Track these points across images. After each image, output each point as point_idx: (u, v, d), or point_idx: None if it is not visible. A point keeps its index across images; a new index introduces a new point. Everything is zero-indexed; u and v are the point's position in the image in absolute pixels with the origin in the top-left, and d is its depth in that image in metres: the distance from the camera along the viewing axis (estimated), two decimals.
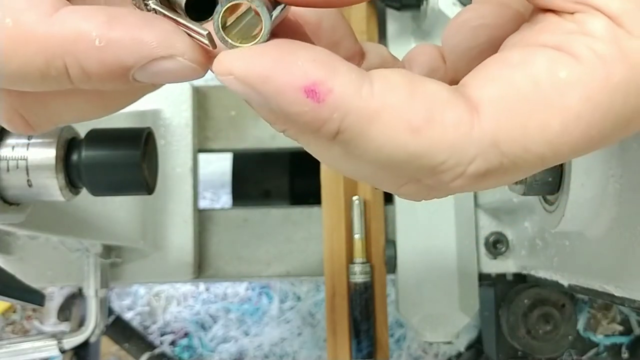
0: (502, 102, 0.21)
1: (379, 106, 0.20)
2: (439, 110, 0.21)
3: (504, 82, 0.21)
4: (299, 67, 0.20)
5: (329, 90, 0.20)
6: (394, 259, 0.65)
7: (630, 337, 0.67)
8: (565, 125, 0.21)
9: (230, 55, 0.20)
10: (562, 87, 0.21)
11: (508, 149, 0.21)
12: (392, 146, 0.21)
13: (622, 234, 0.37)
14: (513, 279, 0.67)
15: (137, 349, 1.03)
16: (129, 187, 0.40)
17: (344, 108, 0.20)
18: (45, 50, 0.21)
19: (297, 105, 0.20)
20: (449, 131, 0.21)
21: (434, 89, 0.21)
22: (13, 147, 0.39)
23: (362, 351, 0.64)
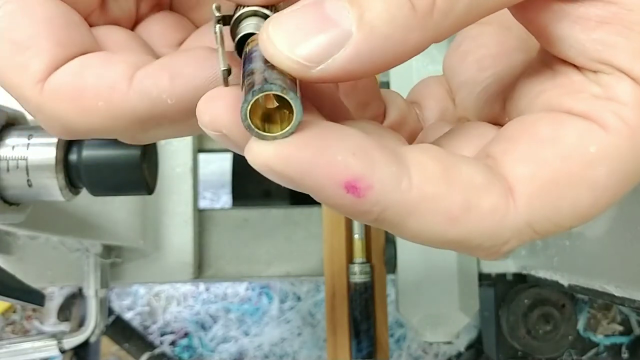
0: (535, 183, 0.21)
1: (417, 199, 0.20)
2: (475, 198, 0.21)
3: (536, 161, 0.21)
4: (339, 163, 0.19)
5: (369, 186, 0.20)
6: (394, 259, 0.65)
7: (630, 337, 0.67)
8: (595, 199, 0.21)
9: (265, 147, 0.20)
10: (592, 162, 0.21)
11: (541, 228, 0.22)
12: (431, 235, 0.21)
13: (622, 234, 0.37)
14: (513, 279, 0.67)
15: (137, 349, 1.03)
16: (129, 187, 0.40)
17: (384, 203, 0.20)
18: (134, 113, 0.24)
19: (337, 199, 0.20)
20: (486, 218, 0.21)
21: (470, 174, 0.21)
22: (13, 147, 0.39)
23: (362, 351, 0.64)
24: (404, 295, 0.65)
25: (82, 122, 0.24)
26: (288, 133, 0.19)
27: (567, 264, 0.48)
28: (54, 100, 0.24)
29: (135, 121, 0.24)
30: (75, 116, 0.24)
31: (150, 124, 0.24)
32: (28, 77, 0.24)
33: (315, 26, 0.20)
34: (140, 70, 0.24)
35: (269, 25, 0.20)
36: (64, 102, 0.24)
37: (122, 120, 0.24)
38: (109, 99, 0.23)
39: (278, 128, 0.20)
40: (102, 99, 0.23)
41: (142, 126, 0.24)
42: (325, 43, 0.19)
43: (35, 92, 0.24)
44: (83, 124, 0.24)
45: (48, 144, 0.40)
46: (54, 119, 0.24)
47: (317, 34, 0.19)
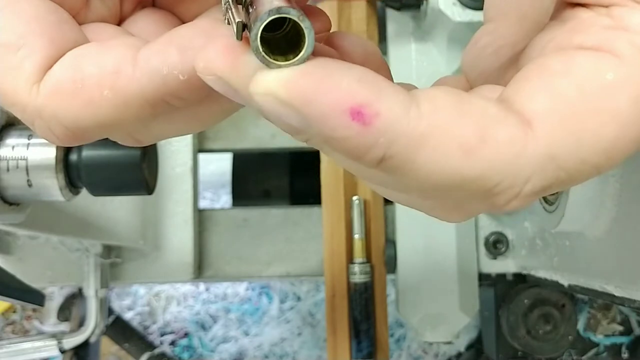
0: (554, 114, 0.20)
1: (428, 128, 0.19)
2: (491, 128, 0.19)
3: (551, 92, 0.20)
4: (345, 88, 0.18)
5: (376, 112, 0.18)
6: (394, 259, 0.65)
7: (630, 337, 0.67)
8: (619, 130, 0.20)
9: (270, 75, 0.19)
10: (611, 90, 0.20)
11: (565, 163, 0.20)
12: (444, 171, 0.19)
13: (622, 234, 0.37)
14: (513, 279, 0.67)
15: (137, 349, 1.03)
16: (129, 188, 0.40)
17: (392, 132, 0.18)
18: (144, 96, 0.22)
19: (341, 130, 0.18)
20: (503, 150, 0.19)
21: (483, 106, 0.20)
22: (13, 147, 0.39)
23: (362, 351, 0.64)
24: (404, 295, 0.65)
25: (88, 117, 0.23)
26: (298, 62, 0.19)
27: (567, 264, 0.48)
28: (53, 99, 0.22)
29: (146, 105, 0.22)
30: (80, 111, 0.22)
31: (161, 107, 0.23)
32: (22, 80, 0.23)
33: None
34: (143, 50, 0.22)
35: None
36: (64, 98, 0.22)
37: (132, 106, 0.22)
38: (114, 85, 0.22)
39: (282, 59, 0.19)
40: (106, 87, 0.22)
41: (153, 111, 0.23)
42: None
43: (32, 95, 0.23)
44: (89, 118, 0.23)
45: (48, 144, 0.40)
46: (56, 121, 0.23)
47: None
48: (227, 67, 0.20)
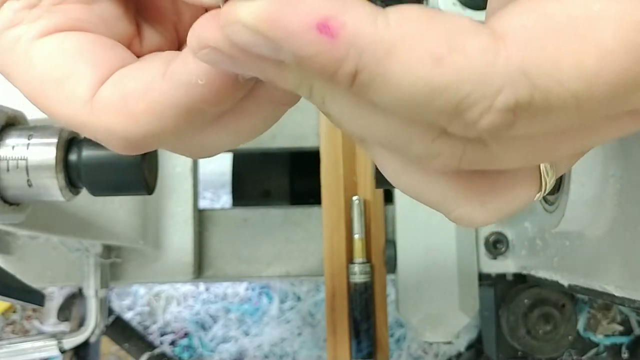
0: (531, 31, 0.19)
1: (396, 37, 0.19)
2: (461, 38, 0.19)
3: (535, 12, 0.20)
4: (308, 4, 0.19)
5: (342, 24, 0.19)
6: (394, 259, 0.65)
7: (631, 337, 0.67)
8: (600, 61, 0.19)
9: (237, 5, 0.20)
10: (596, 21, 0.19)
11: (539, 80, 0.19)
12: (414, 81, 0.19)
13: (622, 234, 0.38)
14: (513, 279, 0.67)
15: (137, 349, 1.03)
16: (129, 187, 0.40)
17: (360, 42, 0.19)
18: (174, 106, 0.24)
19: (311, 46, 0.19)
20: (474, 59, 0.19)
21: (454, 18, 0.20)
22: (13, 147, 0.39)
23: (362, 351, 0.64)
24: (404, 295, 0.65)
25: (135, 129, 0.24)
26: None
27: (567, 264, 0.48)
28: (104, 115, 0.24)
29: (179, 115, 0.24)
30: (127, 125, 0.24)
31: (197, 116, 0.24)
32: (76, 102, 0.25)
33: None
34: (172, 62, 0.24)
35: None
36: (113, 114, 0.24)
37: (167, 117, 0.24)
38: (146, 97, 0.24)
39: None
40: (142, 100, 0.24)
41: (189, 119, 0.24)
42: None
43: (87, 113, 0.25)
44: (136, 130, 0.24)
45: (48, 144, 0.40)
46: (112, 134, 0.25)
47: None
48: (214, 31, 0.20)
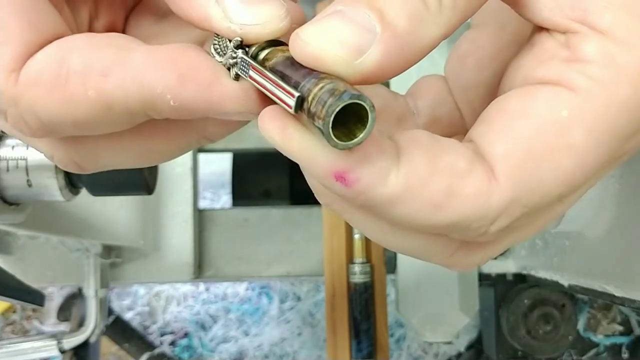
0: (513, 159, 0.21)
1: (402, 189, 0.21)
2: (458, 184, 0.21)
3: (511, 137, 0.22)
4: (331, 157, 0.21)
5: (357, 179, 0.21)
6: (394, 259, 0.65)
7: (631, 337, 0.67)
8: (577, 163, 0.21)
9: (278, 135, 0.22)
10: (566, 126, 0.21)
11: (528, 201, 0.22)
12: (416, 221, 0.22)
13: (622, 234, 0.38)
14: (513, 279, 0.67)
15: (137, 349, 1.03)
16: (129, 188, 0.40)
17: (369, 193, 0.21)
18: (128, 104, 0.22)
19: (330, 185, 0.22)
20: (470, 202, 0.21)
21: (453, 160, 0.22)
22: (13, 147, 0.39)
23: (362, 351, 0.64)
24: (404, 295, 0.65)
25: (65, 113, 0.22)
26: (359, 141, 0.21)
27: (567, 264, 0.48)
28: (32, 89, 0.22)
29: (126, 114, 0.22)
30: (58, 106, 0.22)
31: (141, 119, 0.23)
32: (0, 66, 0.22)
33: (345, 31, 0.21)
34: (139, 57, 0.22)
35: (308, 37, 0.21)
36: (45, 91, 0.22)
37: (113, 111, 0.22)
38: (100, 87, 0.22)
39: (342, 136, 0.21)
40: (91, 87, 0.22)
41: (132, 120, 0.23)
42: (356, 42, 0.20)
43: (10, 83, 0.22)
44: (66, 115, 0.22)
45: None
46: (31, 112, 0.22)
47: (349, 37, 0.21)
48: (279, 136, 0.22)
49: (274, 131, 0.22)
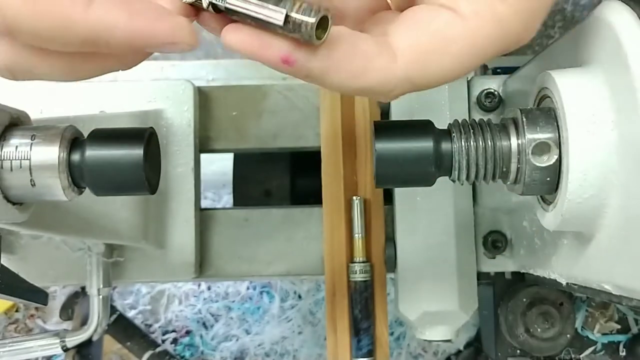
0: (411, 51, 0.33)
1: (331, 64, 0.33)
2: (370, 62, 0.33)
3: (415, 35, 0.33)
4: (278, 49, 0.32)
5: (295, 60, 0.32)
6: (394, 258, 0.65)
7: (628, 336, 0.68)
8: (455, 64, 0.33)
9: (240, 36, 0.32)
10: (452, 40, 0.33)
11: (416, 80, 0.34)
12: (344, 85, 0.33)
13: (620, 233, 0.38)
14: (512, 278, 0.67)
15: (139, 348, 1.04)
16: (132, 187, 0.40)
17: (307, 68, 0.32)
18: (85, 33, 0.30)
19: (280, 67, 0.32)
20: (378, 74, 0.33)
21: (367, 47, 0.33)
22: (16, 147, 0.40)
23: (362, 349, 0.65)
24: (403, 294, 0.65)
25: (28, 17, 0.28)
26: (325, 39, 0.32)
27: (565, 262, 0.49)
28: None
29: (77, 40, 0.29)
30: (25, 11, 0.28)
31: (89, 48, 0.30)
32: None
33: None
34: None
35: None
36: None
37: (68, 33, 0.29)
38: (64, 11, 0.29)
39: None
40: (57, 5, 0.28)
41: (81, 47, 0.30)
42: None
43: None
44: (28, 19, 0.28)
45: (51, 144, 0.40)
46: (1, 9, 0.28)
47: None
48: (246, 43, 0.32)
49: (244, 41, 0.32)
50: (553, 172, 0.39)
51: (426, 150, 0.38)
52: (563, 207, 0.39)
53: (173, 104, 0.66)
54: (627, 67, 0.35)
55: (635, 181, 0.36)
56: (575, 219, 0.40)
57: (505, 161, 0.40)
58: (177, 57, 1.56)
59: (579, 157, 0.37)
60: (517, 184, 0.40)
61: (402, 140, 0.38)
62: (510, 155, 0.39)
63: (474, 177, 0.40)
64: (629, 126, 0.36)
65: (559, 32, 1.43)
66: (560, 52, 0.46)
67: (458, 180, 0.41)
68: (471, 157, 0.39)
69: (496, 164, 0.40)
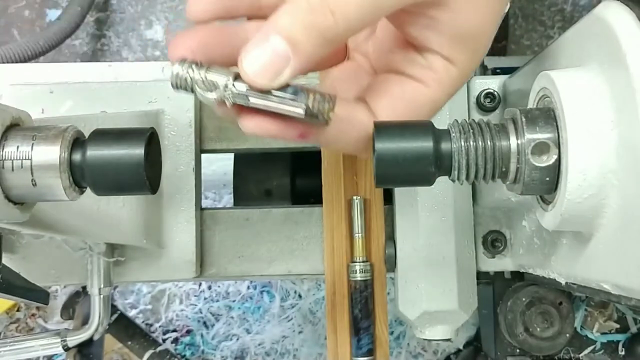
0: (394, 116, 0.41)
1: (337, 134, 0.41)
2: (366, 131, 0.41)
3: (392, 105, 0.42)
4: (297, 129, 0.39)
5: (309, 135, 0.39)
6: (394, 257, 0.65)
7: (627, 335, 0.68)
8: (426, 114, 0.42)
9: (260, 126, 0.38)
10: (421, 105, 0.42)
11: None
12: (346, 148, 0.42)
13: (619, 233, 0.38)
14: (511, 277, 0.67)
15: (140, 347, 1.04)
16: (132, 187, 0.40)
17: (316, 140, 0.40)
18: None
19: (295, 141, 0.39)
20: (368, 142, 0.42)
21: (360, 117, 0.41)
22: (18, 147, 0.40)
23: (362, 349, 0.65)
24: (403, 294, 0.65)
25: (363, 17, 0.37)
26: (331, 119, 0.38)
27: (564, 262, 0.49)
28: None
29: None
30: None
31: None
32: None
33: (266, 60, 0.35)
34: None
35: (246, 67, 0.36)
36: None
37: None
38: None
39: None
40: None
41: None
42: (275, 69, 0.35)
43: None
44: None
45: (52, 144, 0.40)
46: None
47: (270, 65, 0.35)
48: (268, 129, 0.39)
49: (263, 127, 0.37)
50: (552, 172, 0.39)
51: (426, 150, 0.38)
52: (562, 207, 0.39)
53: (174, 104, 0.66)
54: (626, 67, 0.35)
55: (634, 181, 0.36)
56: (575, 219, 0.40)
57: (504, 161, 0.40)
58: None
59: (578, 157, 0.37)
60: (516, 184, 0.41)
61: (402, 140, 0.38)
62: (509, 155, 0.39)
63: (474, 177, 0.40)
64: (628, 126, 0.36)
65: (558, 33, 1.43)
66: (559, 52, 0.46)
67: (458, 180, 0.41)
68: (471, 157, 0.39)
69: (496, 164, 0.40)
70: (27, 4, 1.57)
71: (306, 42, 0.35)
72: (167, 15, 1.54)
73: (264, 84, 0.35)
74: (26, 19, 1.55)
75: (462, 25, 0.39)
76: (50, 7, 1.56)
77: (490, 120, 0.41)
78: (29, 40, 1.05)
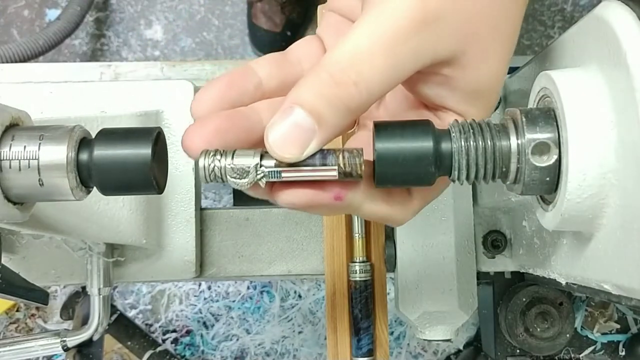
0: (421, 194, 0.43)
1: (360, 201, 0.39)
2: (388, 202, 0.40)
3: None
4: (330, 194, 0.37)
5: (345, 195, 0.37)
6: (394, 257, 0.65)
7: (627, 336, 0.68)
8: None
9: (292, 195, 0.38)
10: None
11: None
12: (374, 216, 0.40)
13: (619, 233, 0.38)
14: (511, 277, 0.67)
15: (139, 347, 1.04)
16: (139, 187, 0.40)
17: (351, 199, 0.38)
18: None
19: (332, 204, 0.37)
20: None
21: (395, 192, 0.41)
22: (25, 147, 0.40)
23: (362, 349, 0.65)
24: (403, 294, 0.65)
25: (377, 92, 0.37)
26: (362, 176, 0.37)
27: (564, 262, 0.49)
28: None
29: None
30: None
31: None
32: None
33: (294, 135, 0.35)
34: None
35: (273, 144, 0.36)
36: None
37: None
38: None
39: None
40: None
41: None
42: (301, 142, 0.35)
43: None
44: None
45: (59, 143, 0.40)
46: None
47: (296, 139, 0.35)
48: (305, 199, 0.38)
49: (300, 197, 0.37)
50: (552, 172, 0.39)
51: (426, 150, 0.38)
52: (562, 207, 0.39)
53: (174, 104, 0.66)
54: (626, 67, 0.35)
55: (635, 181, 0.36)
56: (575, 219, 0.40)
57: (504, 161, 0.40)
58: (177, 57, 1.56)
59: (579, 157, 0.37)
60: (516, 184, 0.41)
61: (402, 140, 0.38)
62: (509, 155, 0.39)
63: (474, 177, 0.40)
64: (629, 126, 0.36)
65: (558, 32, 1.43)
66: (559, 52, 0.46)
67: (458, 180, 0.41)
68: (471, 157, 0.39)
69: (496, 164, 0.40)
70: (26, 3, 1.57)
71: (331, 115, 0.35)
72: (167, 15, 1.54)
73: (293, 158, 0.35)
74: (25, 18, 1.55)
75: (475, 80, 0.39)
76: (49, 6, 1.56)
77: (490, 120, 0.41)
78: (29, 40, 1.05)
